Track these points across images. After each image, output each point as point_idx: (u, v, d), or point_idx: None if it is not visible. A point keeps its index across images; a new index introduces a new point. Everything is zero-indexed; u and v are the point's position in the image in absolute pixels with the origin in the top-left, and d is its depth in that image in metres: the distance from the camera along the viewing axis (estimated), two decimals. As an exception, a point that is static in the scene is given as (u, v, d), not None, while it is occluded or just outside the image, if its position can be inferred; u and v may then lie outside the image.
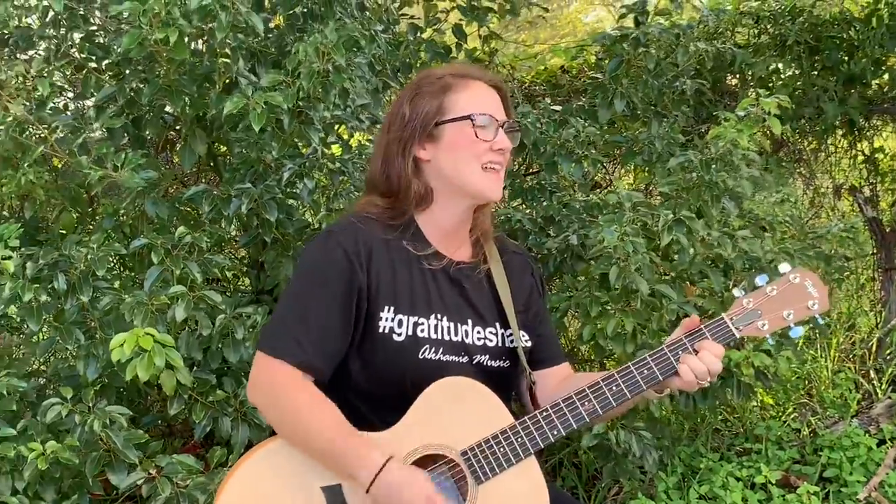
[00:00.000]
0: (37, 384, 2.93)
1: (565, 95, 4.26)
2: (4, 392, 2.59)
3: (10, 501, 2.49)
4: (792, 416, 4.22)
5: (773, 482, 3.51)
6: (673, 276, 3.09)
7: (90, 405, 2.59)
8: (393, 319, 1.98)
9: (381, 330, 1.96)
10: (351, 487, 1.89)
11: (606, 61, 3.63)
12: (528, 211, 3.54)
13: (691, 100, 3.86)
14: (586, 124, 3.41)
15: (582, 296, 3.01)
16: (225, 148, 3.43)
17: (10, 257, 2.60)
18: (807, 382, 4.43)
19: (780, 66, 4.23)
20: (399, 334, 1.97)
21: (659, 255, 3.02)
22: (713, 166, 3.04)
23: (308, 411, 1.88)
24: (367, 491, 1.82)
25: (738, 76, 4.35)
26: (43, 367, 3.40)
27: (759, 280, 2.00)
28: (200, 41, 3.00)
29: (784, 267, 2.00)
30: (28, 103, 2.87)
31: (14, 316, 3.37)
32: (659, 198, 3.61)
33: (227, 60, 2.89)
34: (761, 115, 3.05)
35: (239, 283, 3.85)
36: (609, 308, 2.92)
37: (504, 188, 3.87)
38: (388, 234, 2.04)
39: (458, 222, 2.10)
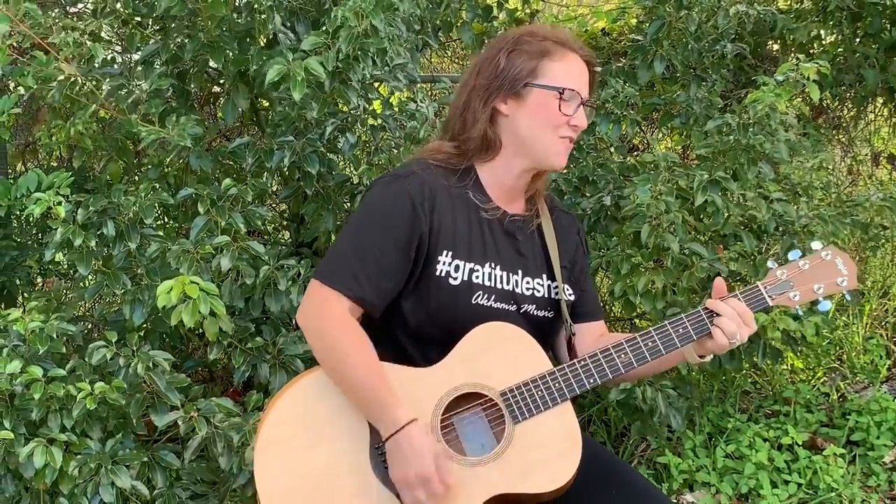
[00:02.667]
0: (84, 328, 3.04)
1: (605, 57, 4.26)
2: (54, 334, 2.69)
3: (59, 437, 2.60)
4: (822, 380, 4.25)
5: (800, 444, 3.57)
6: (706, 236, 3.12)
7: (134, 349, 2.68)
8: (450, 264, 2.04)
9: (438, 273, 2.03)
10: None
11: (647, 24, 3.63)
12: (564, 171, 3.57)
13: (731, 64, 3.86)
14: (625, 86, 3.43)
15: (613, 254, 3.06)
16: (267, 103, 3.49)
17: (61, 203, 2.68)
18: (838, 348, 4.45)
19: (821, 32, 4.20)
20: (455, 278, 2.04)
21: (693, 216, 3.06)
22: (750, 130, 3.06)
23: (350, 352, 1.96)
24: (384, 442, 1.90)
25: (779, 41, 4.33)
26: (90, 313, 3.51)
27: (793, 255, 2.09)
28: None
29: (817, 244, 2.10)
30: (77, 58, 2.94)
31: (62, 262, 3.48)
32: (696, 161, 3.64)
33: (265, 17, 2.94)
34: (800, 81, 3.06)
35: (279, 237, 3.94)
36: (640, 265, 2.97)
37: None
38: (450, 182, 2.10)
39: (517, 179, 2.15)
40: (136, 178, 3.38)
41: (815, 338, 3.13)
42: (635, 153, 4.27)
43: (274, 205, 3.87)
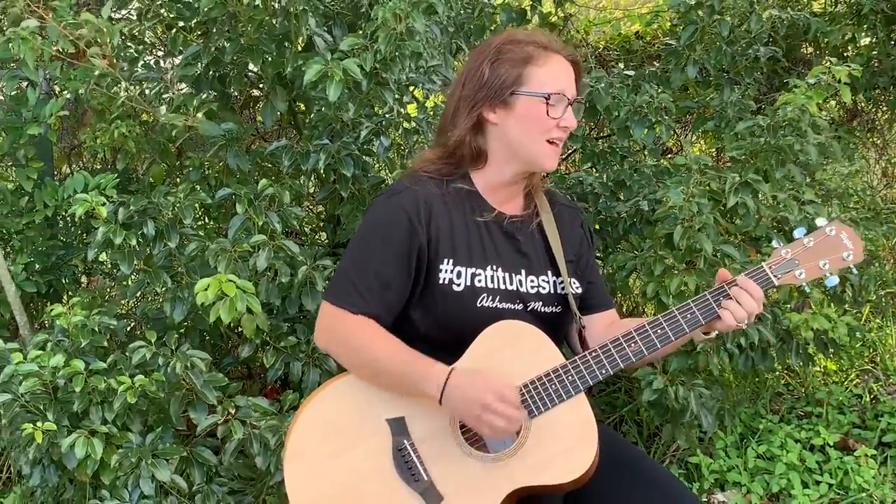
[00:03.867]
0: (127, 325, 3.12)
1: (639, 61, 4.29)
2: (96, 328, 2.78)
3: (100, 429, 2.69)
4: (854, 382, 4.25)
5: (832, 444, 3.57)
6: (738, 238, 3.14)
7: (172, 348, 2.76)
8: (452, 271, 2.10)
9: (441, 281, 2.09)
10: (414, 419, 2.02)
11: (681, 28, 3.66)
12: (599, 176, 3.60)
13: (765, 67, 3.87)
14: (659, 90, 3.46)
15: (647, 255, 3.10)
16: (304, 107, 3.56)
17: (104, 204, 2.77)
18: (871, 350, 4.44)
19: (855, 34, 4.19)
20: (458, 284, 2.09)
21: (725, 218, 3.09)
22: (781, 131, 3.08)
23: (373, 342, 2.02)
24: (440, 402, 1.95)
25: (812, 45, 4.33)
26: (133, 311, 3.61)
27: (798, 233, 2.09)
28: (277, 2, 3.12)
29: (821, 221, 2.10)
30: (119, 61, 3.04)
31: (106, 261, 3.58)
32: (729, 163, 3.66)
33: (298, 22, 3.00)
34: (832, 84, 3.08)
35: (316, 238, 4.01)
36: (673, 267, 3.00)
37: (575, 151, 4.00)
38: (445, 191, 2.15)
39: (511, 182, 2.20)
40: (178, 179, 3.47)
41: (848, 339, 3.12)
42: (669, 156, 4.28)
43: (311, 206, 3.94)
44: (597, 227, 3.51)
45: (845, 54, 4.21)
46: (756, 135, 3.17)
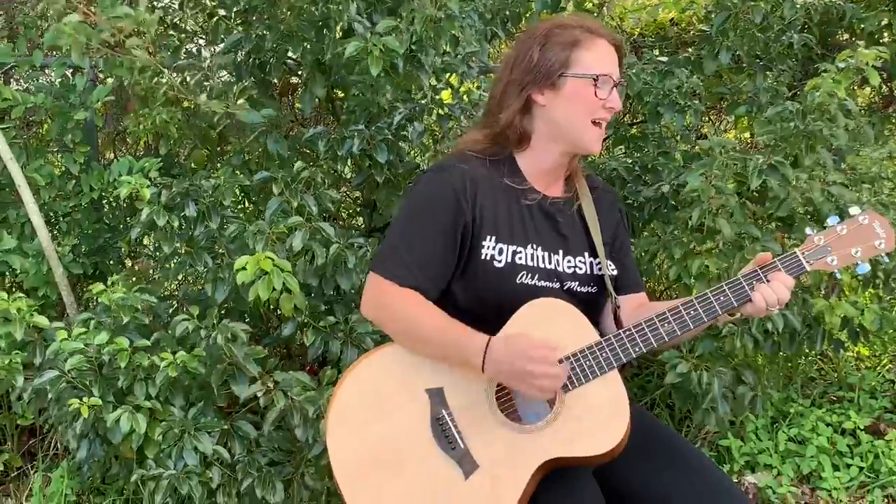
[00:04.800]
0: (170, 306, 3.23)
1: (673, 48, 4.31)
2: (137, 305, 2.88)
3: (144, 405, 2.80)
4: (887, 367, 4.25)
5: (863, 428, 3.60)
6: (768, 221, 3.17)
7: (214, 322, 2.86)
8: (494, 248, 2.16)
9: (483, 257, 2.15)
10: (452, 390, 2.09)
11: (715, 14, 3.68)
12: (627, 160, 3.64)
13: (799, 53, 3.88)
14: (691, 76, 3.49)
15: (668, 239, 3.14)
16: (342, 94, 3.63)
17: (147, 186, 2.87)
18: (905, 335, 4.44)
19: (891, 21, 4.17)
20: (499, 261, 2.16)
21: (754, 202, 3.12)
22: (810, 116, 3.10)
23: (418, 313, 2.10)
24: (482, 367, 2.01)
25: (848, 31, 4.32)
26: (175, 293, 3.71)
27: (831, 220, 2.13)
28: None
29: (854, 209, 2.13)
30: (160, 50, 3.13)
31: (150, 244, 3.69)
32: (762, 148, 3.68)
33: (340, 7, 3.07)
34: (861, 67, 3.10)
35: (354, 223, 4.09)
36: (694, 250, 3.04)
37: (607, 137, 4.04)
38: (490, 170, 2.21)
39: (554, 163, 2.25)
40: (219, 164, 3.56)
41: (871, 325, 3.13)
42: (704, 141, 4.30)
43: (348, 192, 4.02)
44: (622, 211, 3.55)
45: (881, 41, 4.20)
46: (786, 119, 3.19)
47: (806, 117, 3.09)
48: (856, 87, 3.75)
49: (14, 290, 3.48)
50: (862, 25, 4.02)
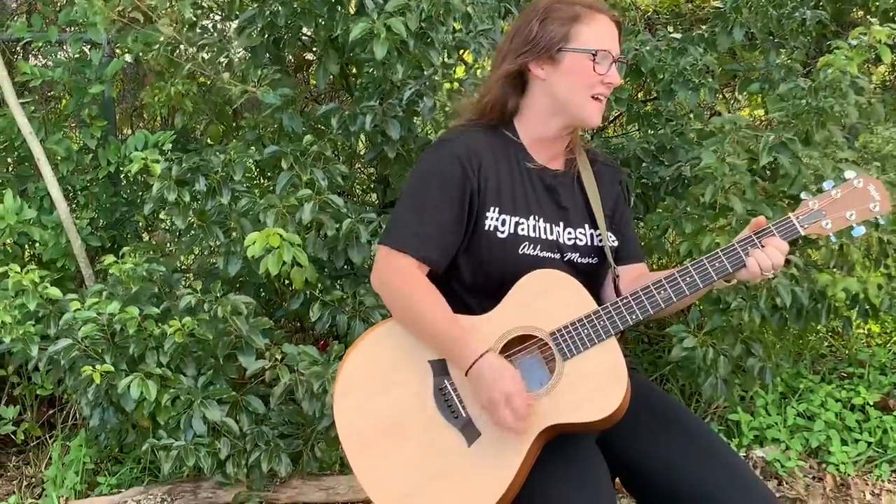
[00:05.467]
0: (183, 277, 3.28)
1: (687, 24, 4.30)
2: (147, 275, 2.94)
3: (155, 372, 2.86)
4: (898, 344, 4.25)
5: (872, 404, 3.61)
6: (779, 198, 3.17)
7: (217, 295, 2.91)
8: (497, 219, 2.19)
9: (486, 228, 2.18)
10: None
11: (728, -10, 3.67)
12: (642, 140, 3.64)
13: (812, 30, 3.86)
14: (704, 53, 3.48)
15: (679, 214, 3.15)
16: (356, 69, 3.66)
17: (158, 161, 2.92)
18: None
19: (908, -4, 4.14)
20: (503, 232, 2.19)
21: (764, 179, 3.12)
22: (822, 93, 3.10)
23: (422, 301, 2.12)
24: (466, 374, 2.06)
25: (863, 8, 4.29)
26: (191, 266, 3.77)
27: (826, 185, 2.14)
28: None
29: (849, 173, 2.14)
30: (177, 24, 3.17)
31: (166, 218, 3.74)
32: (775, 126, 3.67)
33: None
34: (873, 45, 3.09)
35: (367, 198, 4.13)
36: (705, 226, 3.05)
37: (620, 114, 4.05)
38: (493, 142, 2.24)
39: (555, 136, 2.28)
40: (234, 139, 3.61)
41: (881, 300, 3.12)
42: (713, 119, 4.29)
43: (362, 168, 4.05)
44: (638, 191, 3.56)
45: (895, 18, 4.17)
46: (798, 96, 3.19)
47: (818, 94, 3.09)
48: (870, 65, 3.73)
49: (34, 261, 3.55)
50: (876, 3, 3.99)
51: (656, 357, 3.91)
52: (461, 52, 3.35)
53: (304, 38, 3.50)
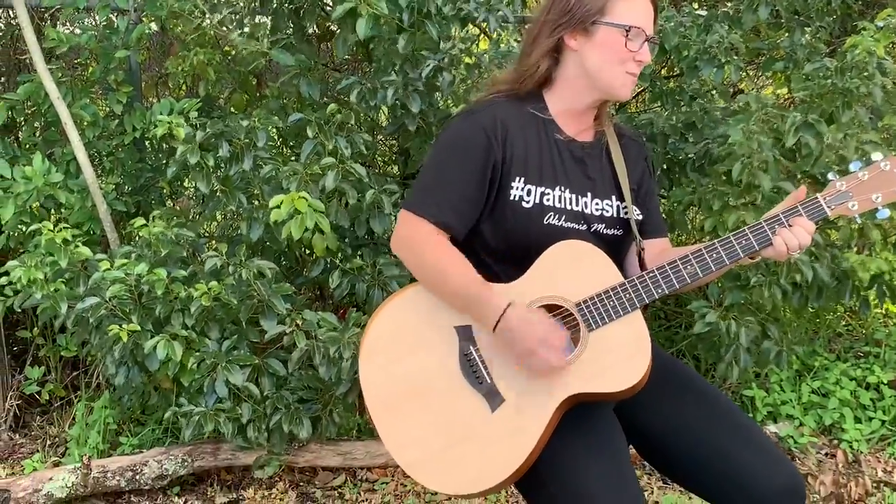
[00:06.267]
0: (207, 242, 3.33)
1: (713, 2, 4.29)
2: (176, 238, 2.98)
3: (181, 333, 2.90)
4: (916, 324, 4.26)
5: (886, 383, 3.63)
6: (798, 177, 3.18)
7: (241, 259, 2.95)
8: (523, 189, 2.21)
9: (512, 198, 2.20)
10: (479, 327, 2.16)
11: (754, -33, 3.65)
12: (669, 117, 3.64)
13: (838, 10, 3.85)
14: (730, 31, 3.48)
15: (706, 191, 3.17)
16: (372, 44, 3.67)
17: (181, 126, 2.96)
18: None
19: (938, -23, 4.12)
20: (528, 202, 2.21)
21: (787, 157, 3.13)
22: (847, 74, 3.10)
23: (445, 261, 2.15)
24: (494, 330, 2.08)
25: (890, -13, 4.27)
26: (214, 232, 3.82)
27: (853, 166, 2.14)
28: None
29: (877, 155, 2.14)
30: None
31: (190, 185, 3.79)
32: (798, 105, 3.67)
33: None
34: (901, 26, 3.09)
35: (388, 170, 4.16)
36: (731, 203, 3.06)
37: (644, 91, 4.05)
38: (521, 113, 2.26)
39: (584, 107, 2.29)
40: (258, 108, 3.63)
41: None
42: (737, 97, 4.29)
43: (383, 139, 4.07)
44: (664, 167, 3.57)
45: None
46: (824, 76, 3.19)
47: (844, 75, 3.09)
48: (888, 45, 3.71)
49: (59, 223, 3.59)
50: (904, -15, 3.97)
51: (673, 333, 3.94)
52: (468, 24, 3.35)
53: (326, 7, 3.51)
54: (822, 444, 3.49)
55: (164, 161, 3.73)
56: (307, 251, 3.39)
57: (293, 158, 3.55)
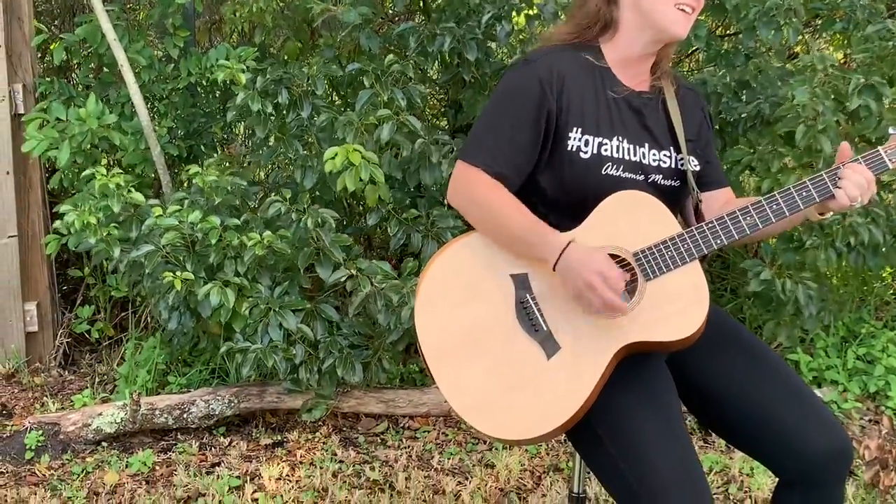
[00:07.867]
0: (259, 191, 3.35)
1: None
2: (228, 187, 3.00)
3: (233, 281, 2.94)
4: (966, 292, 4.21)
5: (933, 352, 3.60)
6: (857, 139, 3.15)
7: (305, 206, 2.97)
8: (580, 139, 2.20)
9: (569, 148, 2.19)
10: (536, 276, 2.16)
11: (817, -73, 3.60)
12: (723, 76, 3.61)
13: (900, -30, 3.79)
14: (792, -8, 3.43)
15: (765, 151, 3.14)
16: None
17: (244, 71, 2.97)
18: None
19: None
20: (585, 152, 2.20)
21: (847, 120, 3.10)
22: (910, 36, 3.06)
23: (502, 204, 2.16)
24: (554, 268, 2.09)
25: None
26: (265, 180, 3.84)
27: None
28: None
29: None
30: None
31: (242, 131, 3.81)
32: (855, 67, 3.62)
33: None
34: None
35: (437, 123, 4.15)
36: (790, 165, 3.04)
37: (700, 50, 4.01)
38: (579, 63, 2.25)
39: (641, 54, 2.27)
40: (312, 57, 3.64)
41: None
42: (794, 60, 4.24)
43: (433, 92, 4.07)
44: (717, 127, 3.54)
45: None
46: (884, 38, 3.15)
47: (906, 37, 3.04)
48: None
49: (113, 166, 3.64)
50: (971, -54, 3.90)
51: (718, 296, 3.93)
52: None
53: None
54: (867, 409, 3.48)
55: (218, 106, 3.75)
56: (358, 201, 3.41)
57: (344, 109, 3.55)
